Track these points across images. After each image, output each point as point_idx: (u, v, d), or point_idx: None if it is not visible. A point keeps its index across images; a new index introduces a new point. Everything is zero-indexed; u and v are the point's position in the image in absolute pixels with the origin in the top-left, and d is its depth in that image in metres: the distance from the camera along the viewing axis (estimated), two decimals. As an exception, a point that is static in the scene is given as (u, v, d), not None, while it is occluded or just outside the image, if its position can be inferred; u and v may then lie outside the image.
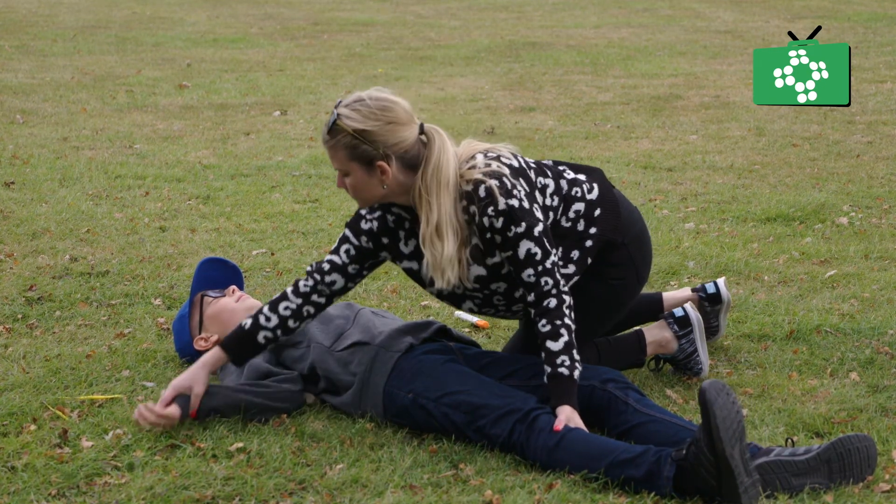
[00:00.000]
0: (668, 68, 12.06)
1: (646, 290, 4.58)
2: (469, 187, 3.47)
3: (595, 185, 3.74)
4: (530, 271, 3.48)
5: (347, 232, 3.66)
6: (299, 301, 3.66)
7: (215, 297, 4.08)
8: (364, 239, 3.64)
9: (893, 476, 3.24)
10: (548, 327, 3.46)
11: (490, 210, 3.45)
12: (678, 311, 4.04)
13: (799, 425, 3.60)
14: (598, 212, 3.71)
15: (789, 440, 3.34)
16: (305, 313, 3.66)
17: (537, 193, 3.61)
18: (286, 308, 3.65)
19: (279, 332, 3.65)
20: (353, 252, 3.65)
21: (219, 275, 4.24)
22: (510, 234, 3.46)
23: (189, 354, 4.08)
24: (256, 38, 14.78)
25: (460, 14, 17.62)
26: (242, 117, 9.42)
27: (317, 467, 3.30)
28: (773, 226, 6.01)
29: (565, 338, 3.44)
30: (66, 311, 4.68)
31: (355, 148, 3.45)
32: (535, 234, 3.47)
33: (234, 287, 4.13)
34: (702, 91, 10.63)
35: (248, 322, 3.66)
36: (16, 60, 12.53)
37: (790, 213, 6.17)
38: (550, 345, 3.44)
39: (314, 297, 3.66)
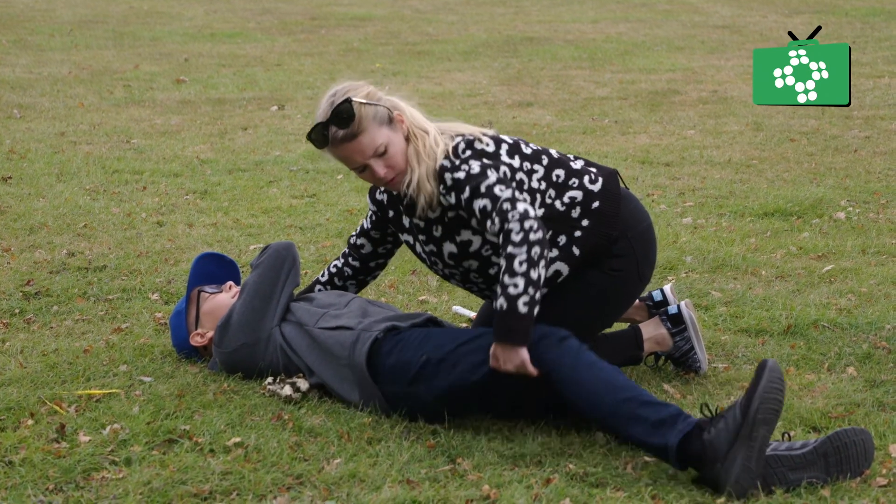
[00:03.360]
0: (666, 63, 12.05)
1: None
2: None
3: (600, 179, 3.77)
4: (489, 223, 3.50)
5: (367, 198, 3.96)
6: (340, 262, 4.10)
7: (212, 293, 4.08)
8: (375, 208, 3.93)
9: (890, 471, 3.24)
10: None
11: (442, 189, 3.59)
12: (672, 309, 4.03)
13: (796, 420, 3.60)
14: (595, 204, 3.72)
15: (786, 434, 3.34)
16: (346, 273, 4.08)
17: (518, 174, 3.67)
18: (333, 266, 4.11)
19: (328, 286, 4.08)
20: (373, 218, 3.97)
21: (215, 270, 4.23)
22: (462, 205, 3.55)
23: (186, 350, 4.08)
24: (254, 32, 14.77)
25: (458, 9, 17.61)
26: (240, 112, 9.42)
27: (314, 462, 3.30)
28: (770, 221, 6.01)
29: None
30: (63, 305, 4.67)
31: (377, 112, 3.61)
32: (482, 189, 3.52)
33: (230, 283, 4.13)
34: (699, 86, 10.63)
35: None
36: (13, 55, 12.52)
37: (788, 208, 6.18)
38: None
39: (349, 260, 4.08)
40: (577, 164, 3.80)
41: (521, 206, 3.46)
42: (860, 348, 4.19)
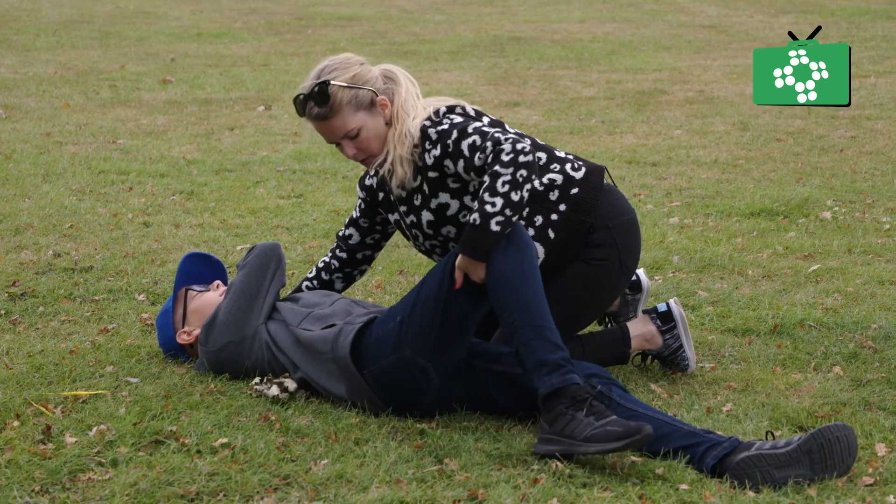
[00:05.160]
0: (653, 63, 12.07)
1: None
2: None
3: (584, 168, 3.79)
4: (478, 155, 3.53)
5: (357, 187, 4.02)
6: (328, 256, 4.14)
7: (199, 292, 4.08)
8: (365, 193, 3.98)
9: (877, 470, 3.25)
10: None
11: (427, 145, 3.65)
12: (661, 307, 4.03)
13: (783, 419, 3.61)
14: (574, 190, 3.75)
15: (769, 434, 3.35)
16: (332, 266, 4.12)
17: None
18: (322, 261, 4.16)
19: (316, 282, 4.13)
20: (362, 206, 4.01)
21: (202, 269, 4.23)
22: (450, 150, 3.60)
23: (173, 349, 4.07)
24: (240, 32, 14.75)
25: (445, 9, 17.61)
26: (227, 112, 9.40)
27: (301, 462, 3.29)
28: (757, 220, 6.02)
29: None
30: (49, 306, 4.66)
31: (356, 96, 3.67)
32: (470, 130, 3.58)
33: (217, 282, 4.13)
34: (686, 86, 10.65)
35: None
36: (-2, 55, 12.48)
37: (774, 208, 6.19)
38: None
39: (337, 252, 4.11)
40: (562, 154, 3.84)
41: (511, 135, 3.54)
42: (846, 348, 4.20)
